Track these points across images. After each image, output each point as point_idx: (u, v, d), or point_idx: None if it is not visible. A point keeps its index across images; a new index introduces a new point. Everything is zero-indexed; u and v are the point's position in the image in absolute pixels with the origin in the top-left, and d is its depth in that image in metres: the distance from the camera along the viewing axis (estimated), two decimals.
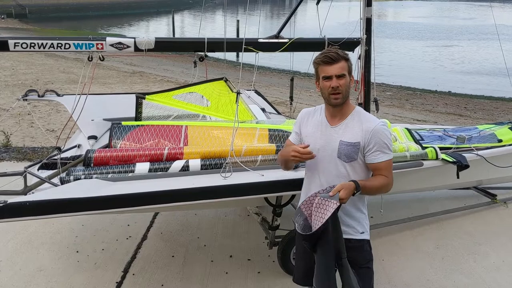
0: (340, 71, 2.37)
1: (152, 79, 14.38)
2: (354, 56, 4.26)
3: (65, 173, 3.20)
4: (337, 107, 2.44)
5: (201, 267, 3.76)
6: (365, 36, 4.12)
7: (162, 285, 3.52)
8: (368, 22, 4.13)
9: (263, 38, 4.17)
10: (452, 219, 4.69)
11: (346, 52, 2.45)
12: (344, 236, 2.50)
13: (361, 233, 2.53)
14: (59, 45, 3.97)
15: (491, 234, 4.43)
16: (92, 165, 3.23)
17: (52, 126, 8.03)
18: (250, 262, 3.85)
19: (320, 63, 2.40)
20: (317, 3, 4.45)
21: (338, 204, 2.24)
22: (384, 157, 2.41)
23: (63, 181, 3.09)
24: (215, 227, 4.42)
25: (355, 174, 2.45)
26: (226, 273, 3.70)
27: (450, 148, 4.26)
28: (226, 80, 4.56)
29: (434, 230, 4.48)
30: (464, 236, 4.38)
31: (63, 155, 3.67)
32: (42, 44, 3.95)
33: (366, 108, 4.27)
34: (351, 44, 4.19)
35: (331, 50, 2.41)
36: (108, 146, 3.58)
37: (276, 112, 5.41)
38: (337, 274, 2.43)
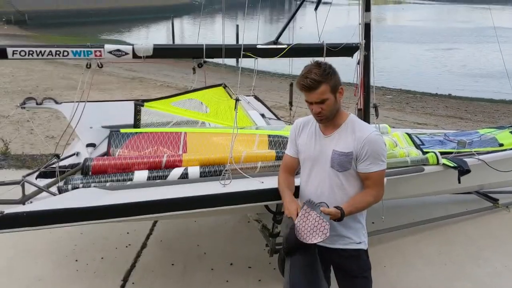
0: (320, 97, 2.29)
1: (152, 85, 14.37)
2: (353, 61, 4.26)
3: (63, 182, 3.17)
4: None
5: (201, 276, 3.73)
6: (364, 41, 4.10)
7: None
8: (367, 27, 4.11)
9: (262, 44, 4.16)
10: (454, 224, 4.66)
11: (331, 66, 2.32)
12: (340, 246, 2.49)
13: (358, 243, 2.51)
14: (58, 52, 3.96)
15: (493, 239, 4.40)
16: (90, 173, 3.20)
17: (51, 133, 8.01)
18: (250, 270, 3.82)
19: (300, 89, 2.33)
20: (316, 8, 4.43)
21: (328, 231, 2.24)
22: (376, 167, 2.37)
23: (61, 190, 3.06)
24: (215, 234, 4.39)
25: (348, 183, 2.42)
26: (227, 281, 3.67)
27: (451, 153, 4.24)
28: (225, 86, 4.54)
29: (436, 235, 4.45)
30: (467, 241, 4.35)
31: (62, 163, 3.64)
32: (40, 51, 3.94)
33: (366, 113, 4.25)
34: (350, 49, 4.18)
35: (308, 75, 2.27)
36: (106, 154, 3.56)
37: (275, 118, 5.39)
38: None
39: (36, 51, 3.88)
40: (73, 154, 4.00)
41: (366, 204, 2.40)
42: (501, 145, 4.62)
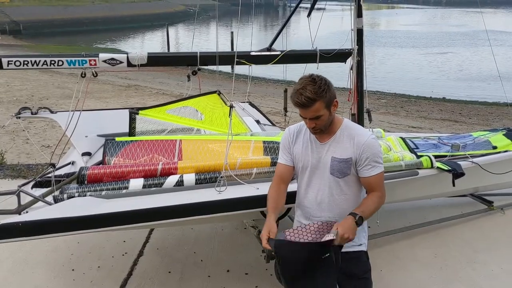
0: (314, 114, 2.30)
1: (147, 92, 14.39)
2: (346, 66, 4.29)
3: (58, 191, 3.18)
4: None
5: (198, 283, 3.72)
6: (356, 47, 4.14)
7: None
8: (359, 32, 4.14)
9: (255, 51, 4.18)
10: (450, 227, 4.68)
11: (326, 82, 2.31)
12: (342, 249, 2.50)
13: (359, 245, 2.54)
14: (52, 62, 3.97)
15: (489, 242, 4.42)
16: (85, 182, 3.21)
17: (47, 142, 7.99)
18: (247, 276, 3.82)
19: (294, 105, 2.33)
20: (308, 15, 4.47)
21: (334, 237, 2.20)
22: (376, 170, 2.41)
23: (56, 200, 3.06)
24: (212, 241, 4.39)
25: (348, 188, 2.44)
26: None
27: (445, 156, 4.26)
28: (219, 93, 4.56)
29: (432, 238, 4.47)
30: (462, 244, 4.37)
31: (57, 172, 3.65)
32: (35, 61, 3.95)
33: (360, 118, 4.28)
34: (343, 55, 4.21)
35: (303, 92, 2.26)
36: (102, 162, 3.57)
37: (270, 124, 5.42)
38: None
39: (31, 61, 3.89)
40: (69, 163, 4.00)
41: (377, 204, 2.41)
42: (495, 147, 4.65)
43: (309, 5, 4.71)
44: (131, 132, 3.98)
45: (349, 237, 2.24)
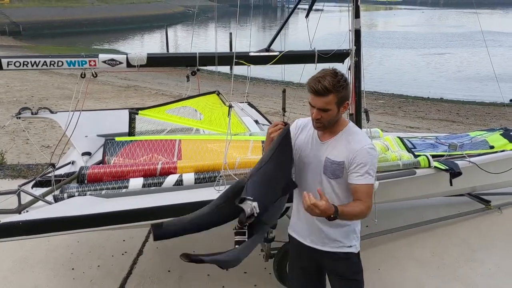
0: (324, 105, 2.30)
1: (147, 93, 14.40)
2: (344, 67, 4.31)
3: (59, 190, 3.20)
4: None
5: (198, 282, 3.75)
6: (354, 47, 4.15)
7: None
8: (357, 33, 4.16)
9: (254, 52, 4.20)
10: (447, 227, 4.71)
11: (346, 80, 2.32)
12: (331, 249, 2.52)
13: (348, 246, 2.53)
14: (52, 63, 3.97)
15: (486, 240, 4.45)
16: (85, 182, 3.24)
17: (47, 142, 8.01)
18: (246, 275, 3.84)
19: (309, 90, 2.34)
20: (306, 16, 4.49)
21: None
22: (364, 180, 2.34)
23: (57, 199, 3.09)
24: (211, 240, 4.39)
25: (340, 190, 2.44)
26: (223, 287, 3.69)
27: (442, 156, 4.30)
28: (218, 94, 4.59)
29: (429, 238, 4.50)
30: (460, 243, 4.40)
31: (57, 172, 3.67)
32: (35, 62, 3.95)
33: (357, 118, 4.30)
34: (340, 55, 4.22)
35: (322, 80, 2.27)
36: (102, 162, 3.60)
37: (269, 124, 5.43)
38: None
39: (30, 61, 3.90)
40: (69, 163, 4.03)
41: (359, 212, 2.32)
42: (492, 147, 4.68)
43: (307, 6, 4.73)
44: (131, 132, 4.01)
45: (313, 212, 2.17)
